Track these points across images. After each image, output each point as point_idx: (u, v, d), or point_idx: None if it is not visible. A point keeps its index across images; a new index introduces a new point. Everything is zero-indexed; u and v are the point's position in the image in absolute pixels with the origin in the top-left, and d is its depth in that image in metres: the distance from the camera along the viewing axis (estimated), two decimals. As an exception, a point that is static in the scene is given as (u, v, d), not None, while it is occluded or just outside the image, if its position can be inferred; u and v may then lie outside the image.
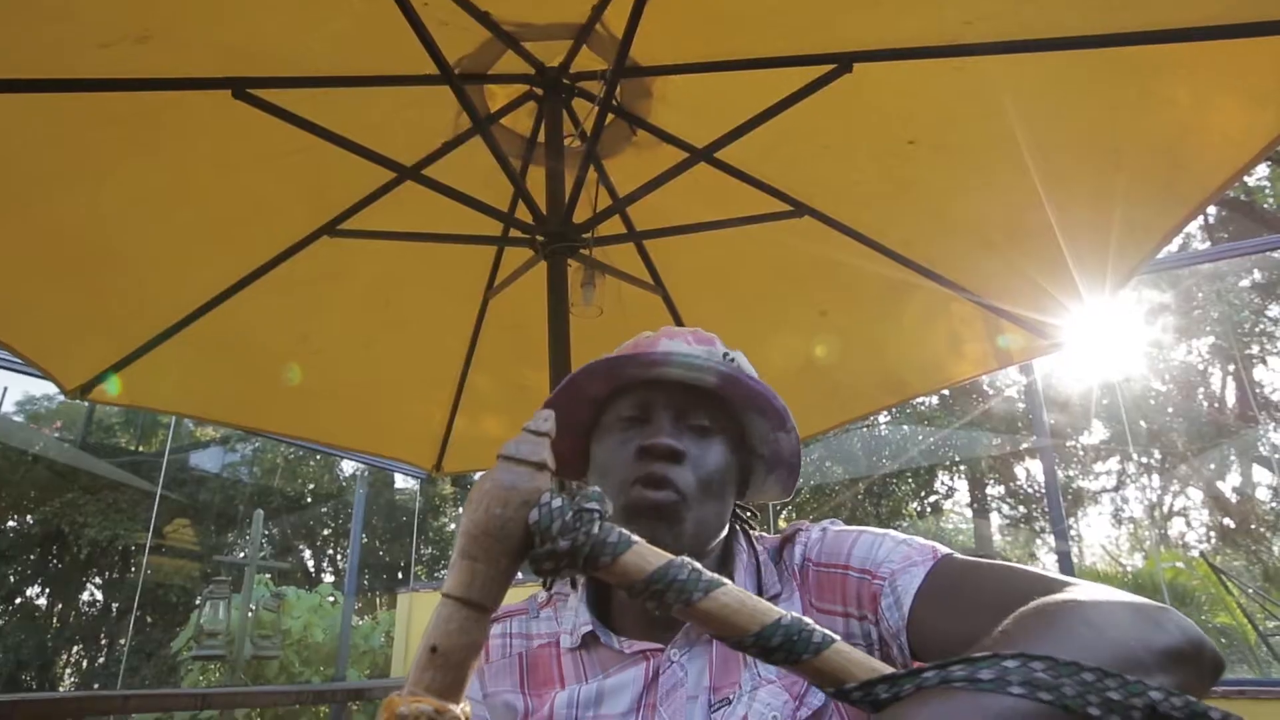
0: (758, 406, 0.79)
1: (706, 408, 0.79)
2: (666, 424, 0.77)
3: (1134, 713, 0.42)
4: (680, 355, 0.76)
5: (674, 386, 0.78)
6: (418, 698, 0.42)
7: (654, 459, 0.74)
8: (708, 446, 0.77)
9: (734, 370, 0.77)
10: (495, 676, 0.80)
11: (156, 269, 2.08)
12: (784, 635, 0.45)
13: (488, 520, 0.44)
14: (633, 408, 0.79)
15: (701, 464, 0.76)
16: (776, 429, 0.81)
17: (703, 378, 0.77)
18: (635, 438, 0.77)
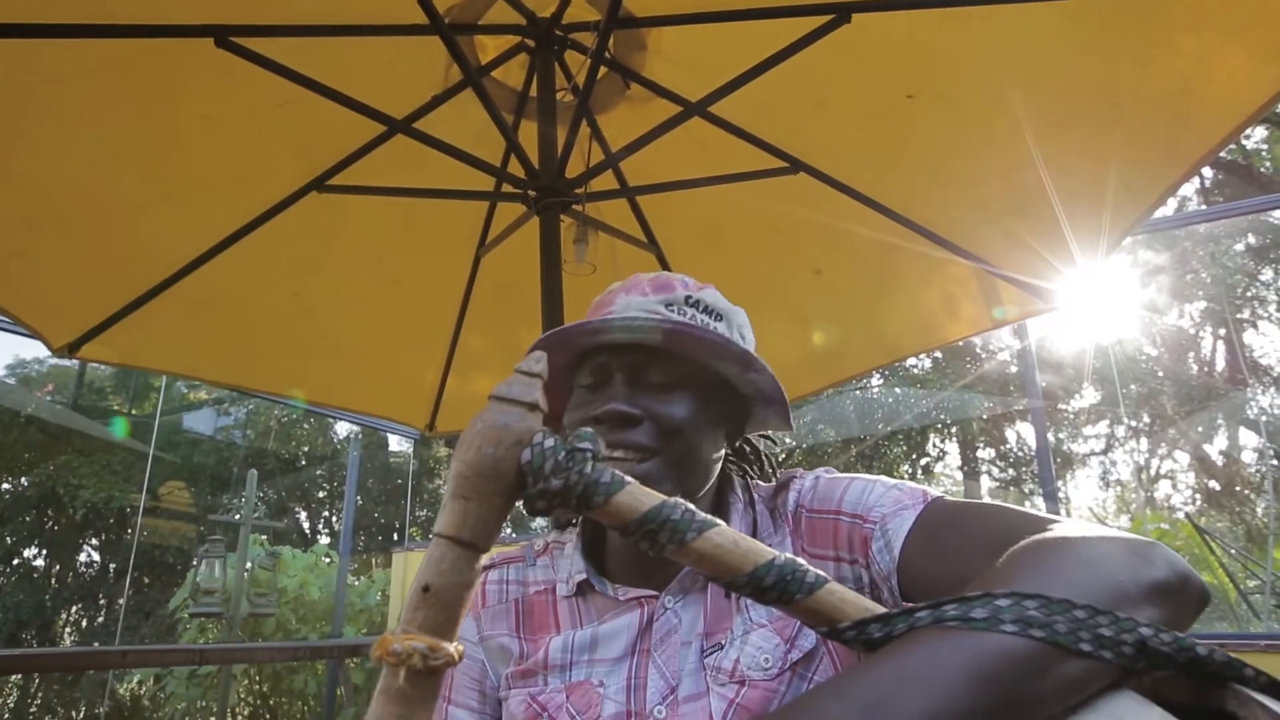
0: (717, 354, 0.77)
1: (663, 363, 0.76)
2: (620, 388, 0.75)
3: (1124, 648, 0.42)
4: (620, 319, 0.74)
5: (625, 347, 0.76)
6: (411, 636, 0.42)
7: (610, 427, 0.73)
8: (669, 401, 0.75)
9: (679, 324, 0.74)
10: (492, 620, 0.81)
11: (143, 225, 2.05)
12: (777, 575, 0.45)
13: (479, 460, 0.43)
14: (589, 374, 0.78)
15: (660, 419, 0.74)
16: (746, 371, 0.79)
17: (647, 338, 0.75)
18: (593, 404, 0.75)
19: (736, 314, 0.82)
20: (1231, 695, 0.45)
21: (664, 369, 0.77)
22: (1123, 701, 0.42)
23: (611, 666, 0.74)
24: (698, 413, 0.76)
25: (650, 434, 0.74)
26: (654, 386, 0.76)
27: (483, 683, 0.79)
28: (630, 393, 0.75)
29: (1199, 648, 0.44)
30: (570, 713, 0.72)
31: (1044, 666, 0.41)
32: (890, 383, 11.53)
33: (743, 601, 0.75)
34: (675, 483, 0.74)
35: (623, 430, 0.73)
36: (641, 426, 0.74)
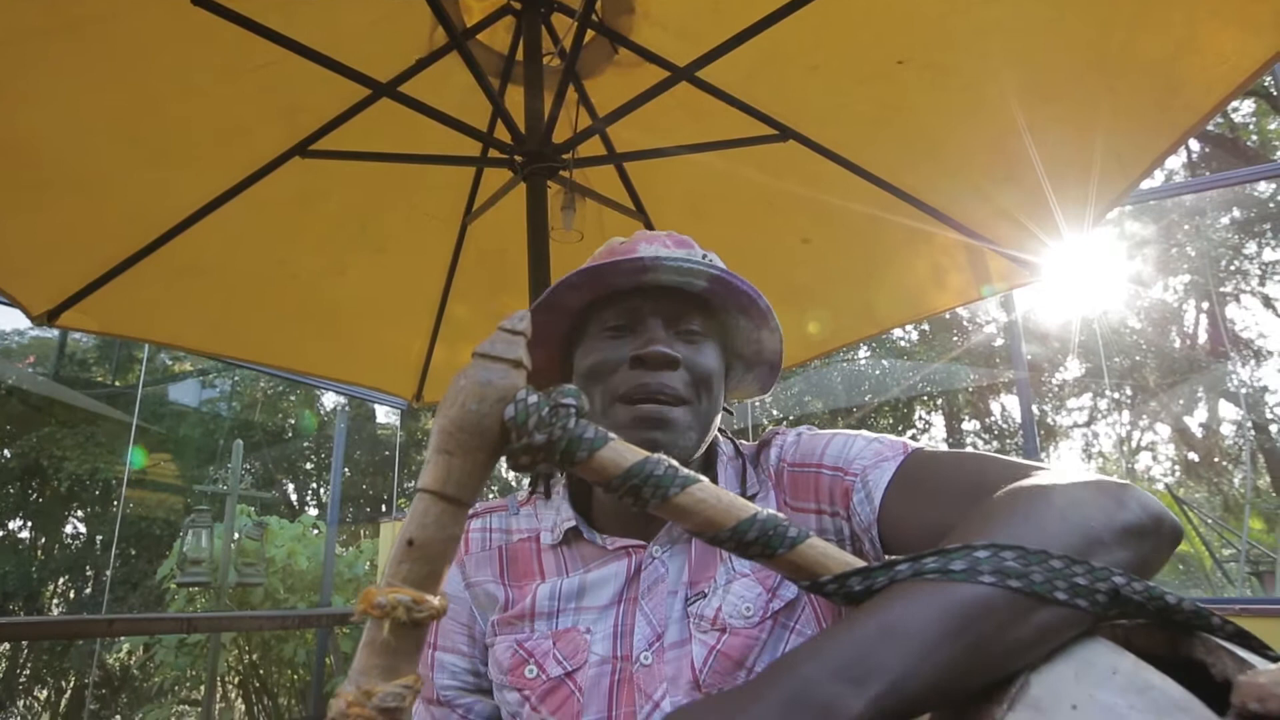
0: (743, 307, 0.78)
1: (695, 312, 0.77)
2: (659, 331, 0.75)
3: (1098, 597, 0.43)
4: (668, 259, 0.73)
5: (660, 292, 0.76)
6: (395, 589, 0.42)
7: (650, 368, 0.73)
8: (699, 350, 0.76)
9: (722, 272, 0.75)
10: (476, 567, 0.81)
11: (122, 190, 2.01)
12: (759, 530, 0.45)
13: (463, 416, 0.43)
14: (619, 316, 0.76)
15: (696, 368, 0.75)
16: (760, 328, 0.79)
17: (692, 282, 0.74)
18: (625, 347, 0.75)
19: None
20: (1200, 643, 0.46)
21: (698, 318, 0.77)
22: (1096, 648, 0.43)
23: (599, 614, 0.75)
24: (720, 366, 0.78)
25: (685, 382, 0.74)
26: (689, 334, 0.76)
27: (471, 628, 0.80)
28: (668, 338, 0.75)
29: (1169, 596, 0.45)
30: (557, 658, 0.73)
31: (1021, 615, 0.42)
32: (877, 354, 11.59)
33: (726, 552, 0.76)
34: (699, 434, 0.75)
35: (663, 374, 0.73)
36: (679, 373, 0.74)
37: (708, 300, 0.78)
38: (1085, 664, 0.42)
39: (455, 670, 0.79)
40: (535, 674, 0.73)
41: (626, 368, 0.74)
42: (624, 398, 0.73)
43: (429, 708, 0.79)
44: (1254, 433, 10.44)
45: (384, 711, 0.40)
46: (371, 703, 0.40)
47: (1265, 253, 11.48)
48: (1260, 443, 10.47)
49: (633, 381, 0.73)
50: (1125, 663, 0.42)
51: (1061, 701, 0.40)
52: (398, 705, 0.41)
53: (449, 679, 0.79)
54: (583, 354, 0.77)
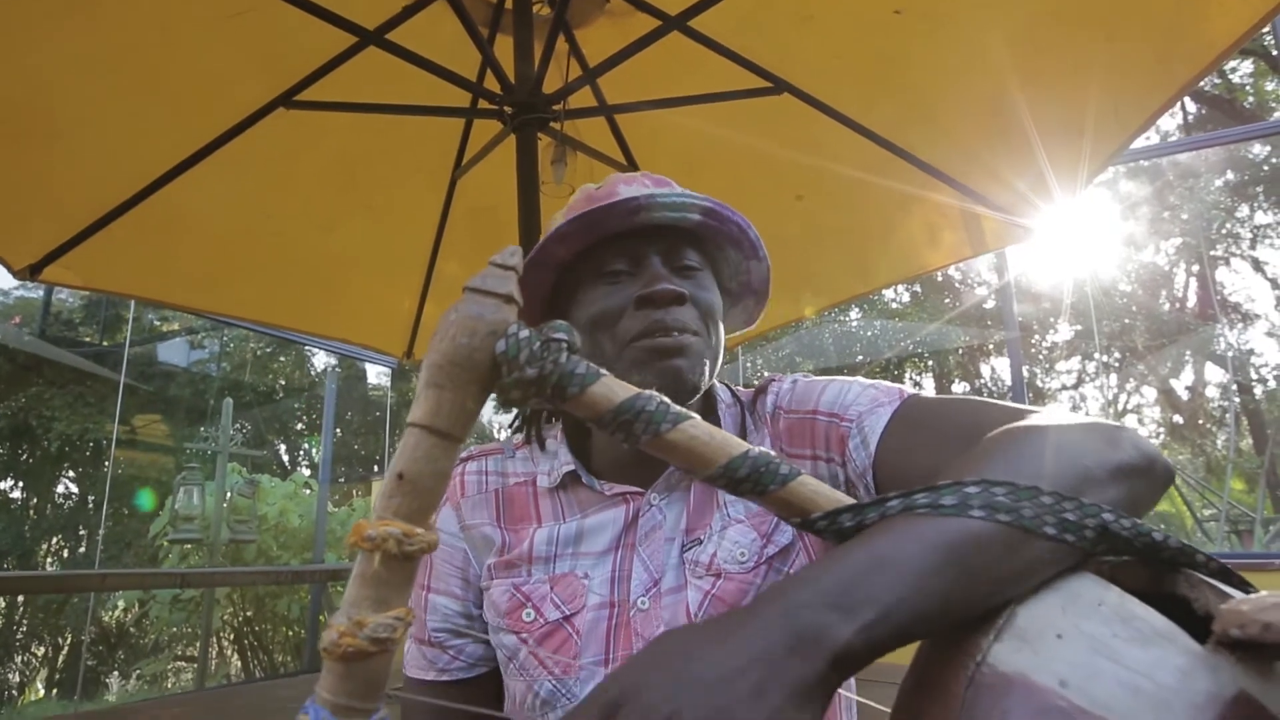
0: (734, 238, 0.77)
1: (689, 246, 0.77)
2: (660, 269, 0.74)
3: (1086, 532, 0.43)
4: (661, 195, 0.72)
5: (653, 231, 0.75)
6: (386, 522, 0.42)
7: (658, 306, 0.72)
8: (700, 284, 0.76)
9: (713, 203, 0.74)
10: (472, 509, 0.81)
11: (102, 142, 1.97)
12: (751, 467, 0.45)
13: (454, 350, 0.43)
14: (616, 260, 0.75)
15: (700, 300, 0.75)
16: (750, 258, 0.79)
17: (686, 216, 0.74)
18: (628, 290, 0.74)
19: None
20: (1183, 580, 0.47)
21: (693, 252, 0.77)
22: (1083, 582, 0.43)
23: (596, 559, 0.75)
24: (719, 299, 0.78)
25: (693, 316, 0.74)
26: (688, 270, 0.76)
27: (466, 571, 0.80)
28: (670, 275, 0.74)
29: (1155, 534, 0.45)
30: (555, 602, 0.74)
31: (1010, 549, 0.42)
32: (869, 316, 11.60)
33: (722, 498, 0.76)
34: (710, 367, 0.75)
35: (673, 309, 0.72)
36: (687, 307, 0.73)
37: (699, 234, 0.77)
38: (1071, 596, 0.43)
39: (447, 613, 0.79)
40: (533, 618, 0.73)
41: (633, 309, 0.73)
42: (637, 338, 0.72)
43: (420, 648, 0.80)
44: (1239, 396, 10.56)
45: (375, 641, 0.40)
46: (363, 633, 0.40)
47: (1258, 216, 11.49)
48: (1244, 404, 10.60)
49: (644, 321, 0.72)
50: (1111, 595, 0.43)
51: (1047, 632, 0.41)
52: (389, 636, 0.41)
53: (441, 621, 0.79)
54: (581, 306, 0.76)
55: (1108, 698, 0.38)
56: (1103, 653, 0.40)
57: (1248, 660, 0.40)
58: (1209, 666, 0.39)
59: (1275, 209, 11.16)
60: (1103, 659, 0.39)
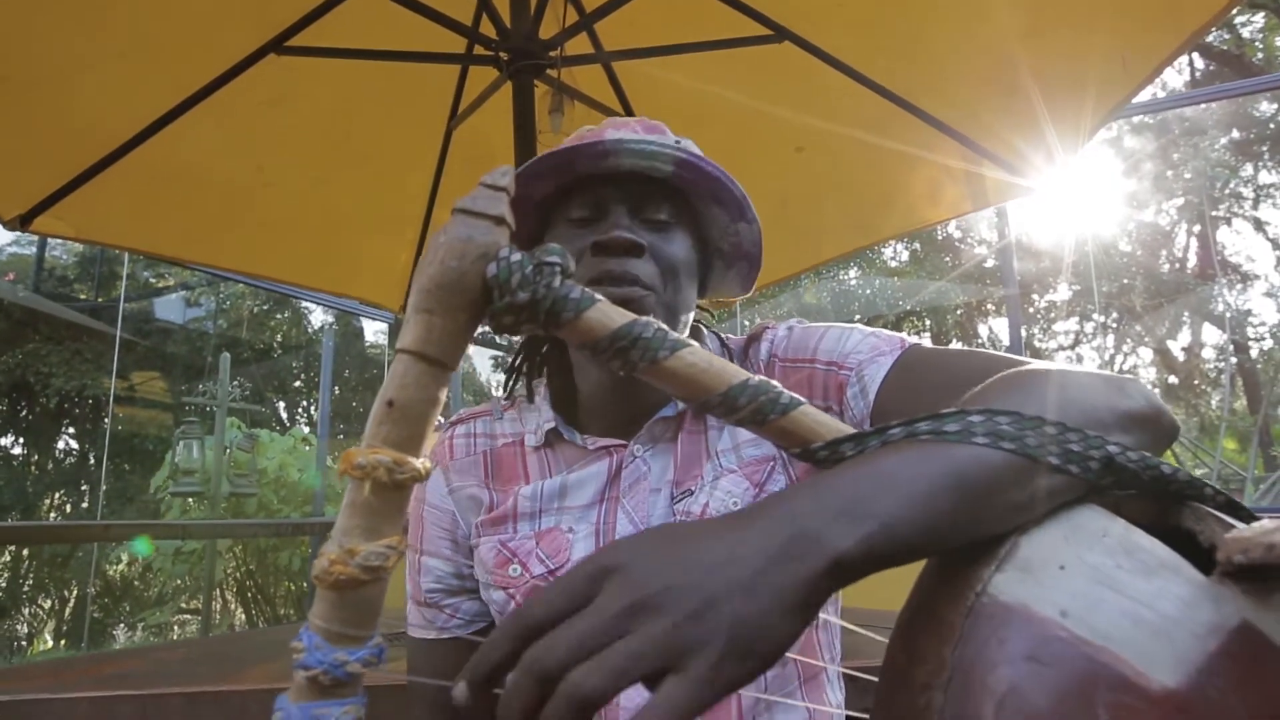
0: (716, 195, 0.74)
1: (663, 199, 0.74)
2: (622, 218, 0.72)
3: (1092, 464, 0.42)
4: (632, 142, 0.70)
5: (626, 179, 0.72)
6: (375, 450, 0.41)
7: (612, 254, 0.70)
8: (667, 239, 0.74)
9: (690, 155, 0.71)
10: (460, 472, 0.81)
11: (90, 89, 1.92)
12: (751, 395, 0.44)
13: (443, 273, 0.41)
14: (583, 206, 0.73)
15: (662, 255, 0.72)
16: (736, 219, 0.76)
17: (657, 165, 0.71)
18: (588, 236, 0.72)
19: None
20: (1190, 512, 0.46)
21: (665, 206, 0.74)
22: (1088, 513, 0.43)
23: (580, 513, 0.75)
24: (690, 257, 0.75)
25: (650, 271, 0.71)
26: (655, 223, 0.73)
27: (454, 532, 0.80)
28: (632, 225, 0.72)
29: (1164, 466, 0.45)
30: (540, 557, 0.74)
31: (1013, 477, 0.41)
32: (867, 273, 11.55)
33: (714, 449, 0.76)
34: (665, 319, 0.73)
35: (627, 261, 0.70)
36: (644, 259, 0.71)
37: (678, 188, 0.74)
38: (1075, 528, 0.42)
39: (439, 574, 0.80)
40: (519, 573, 0.74)
41: (589, 255, 0.71)
42: (588, 285, 0.70)
43: (419, 608, 0.81)
44: (1235, 356, 10.57)
45: (367, 569, 0.40)
46: (354, 561, 0.40)
47: (1261, 175, 11.37)
48: (1240, 364, 10.62)
49: (596, 269, 0.70)
50: (1116, 527, 0.42)
51: (1050, 562, 0.40)
52: (380, 564, 0.40)
53: (434, 582, 0.80)
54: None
55: (1108, 627, 0.37)
56: (1105, 583, 0.39)
57: (1251, 591, 0.39)
58: (1212, 597, 0.39)
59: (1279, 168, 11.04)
60: (1105, 589, 0.39)
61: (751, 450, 0.75)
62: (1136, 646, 0.36)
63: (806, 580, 0.37)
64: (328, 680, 0.39)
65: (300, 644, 0.40)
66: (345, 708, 0.40)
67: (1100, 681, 0.36)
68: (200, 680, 1.08)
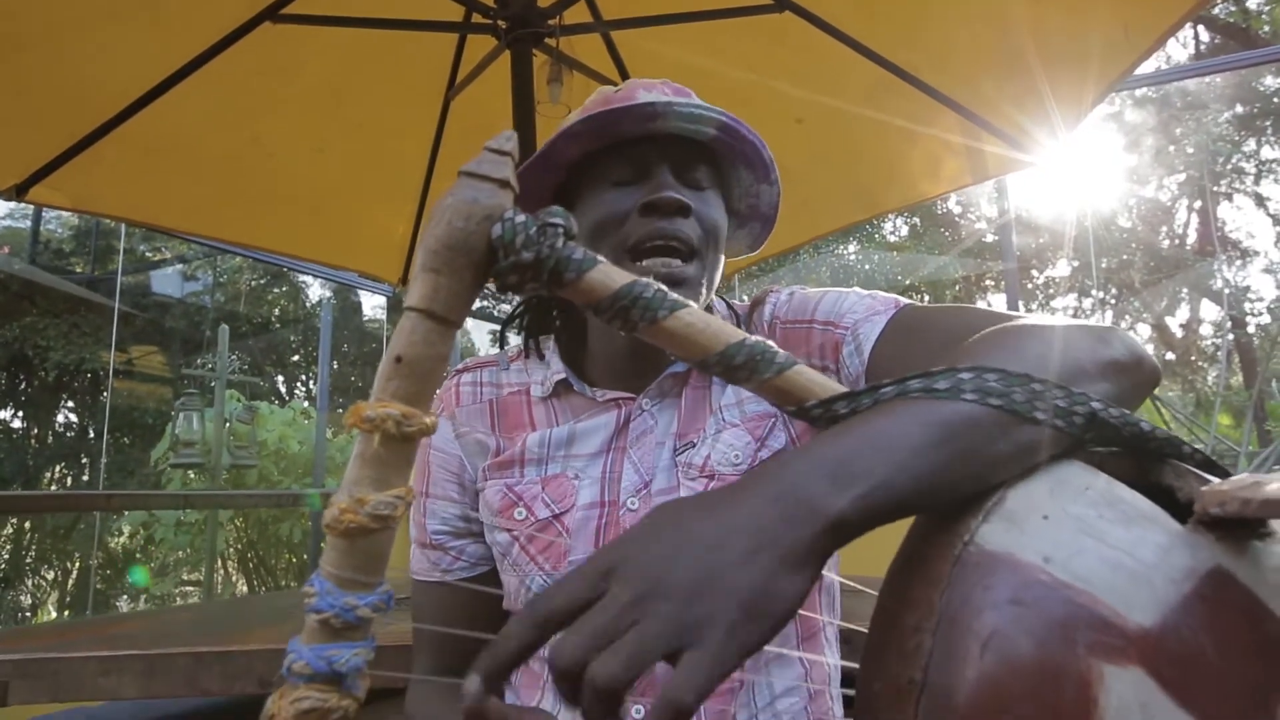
0: (747, 158, 0.76)
1: (702, 162, 0.75)
2: (668, 178, 0.73)
3: (1075, 419, 0.44)
4: (680, 105, 0.70)
5: (667, 140, 0.73)
6: (384, 403, 0.42)
7: (663, 214, 0.71)
8: (706, 201, 0.75)
9: (731, 119, 0.72)
10: (467, 418, 0.83)
11: (84, 58, 1.91)
12: (748, 354, 0.46)
13: (450, 234, 0.42)
14: (625, 166, 0.74)
15: (705, 217, 0.74)
16: (761, 181, 0.78)
17: (701, 129, 0.72)
18: (633, 197, 0.73)
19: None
20: (1169, 469, 0.48)
21: (704, 168, 0.75)
22: (1072, 468, 0.44)
23: (587, 461, 0.77)
24: (724, 219, 0.77)
25: (697, 233, 0.73)
26: (697, 185, 0.75)
27: (461, 476, 0.82)
28: (678, 186, 0.73)
29: (1143, 424, 0.46)
30: (545, 502, 0.76)
31: (1000, 432, 0.43)
32: (866, 248, 11.52)
33: (717, 404, 0.78)
34: (706, 288, 0.75)
35: (676, 220, 0.71)
36: (690, 221, 0.72)
37: (713, 150, 0.76)
38: (1059, 481, 0.44)
39: (446, 516, 0.82)
40: (524, 516, 0.76)
41: (637, 216, 0.72)
42: (634, 248, 0.72)
43: (424, 551, 0.83)
44: (1232, 332, 10.59)
45: (376, 518, 0.41)
46: (364, 510, 0.41)
47: (1264, 150, 11.31)
48: (1238, 339, 10.64)
49: (645, 228, 0.71)
50: (1098, 481, 0.44)
51: (1034, 513, 0.42)
52: (389, 513, 0.42)
53: (440, 524, 0.82)
54: (586, 208, 0.75)
55: (1089, 573, 0.39)
56: (1087, 532, 0.41)
57: (1224, 539, 0.41)
58: (1188, 544, 0.40)
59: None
60: (1086, 538, 0.40)
61: (754, 406, 0.77)
62: (1115, 590, 0.38)
63: (807, 543, 0.38)
64: (339, 623, 0.41)
65: (312, 589, 0.42)
66: (355, 650, 0.41)
67: (1080, 622, 0.37)
68: (204, 642, 1.10)
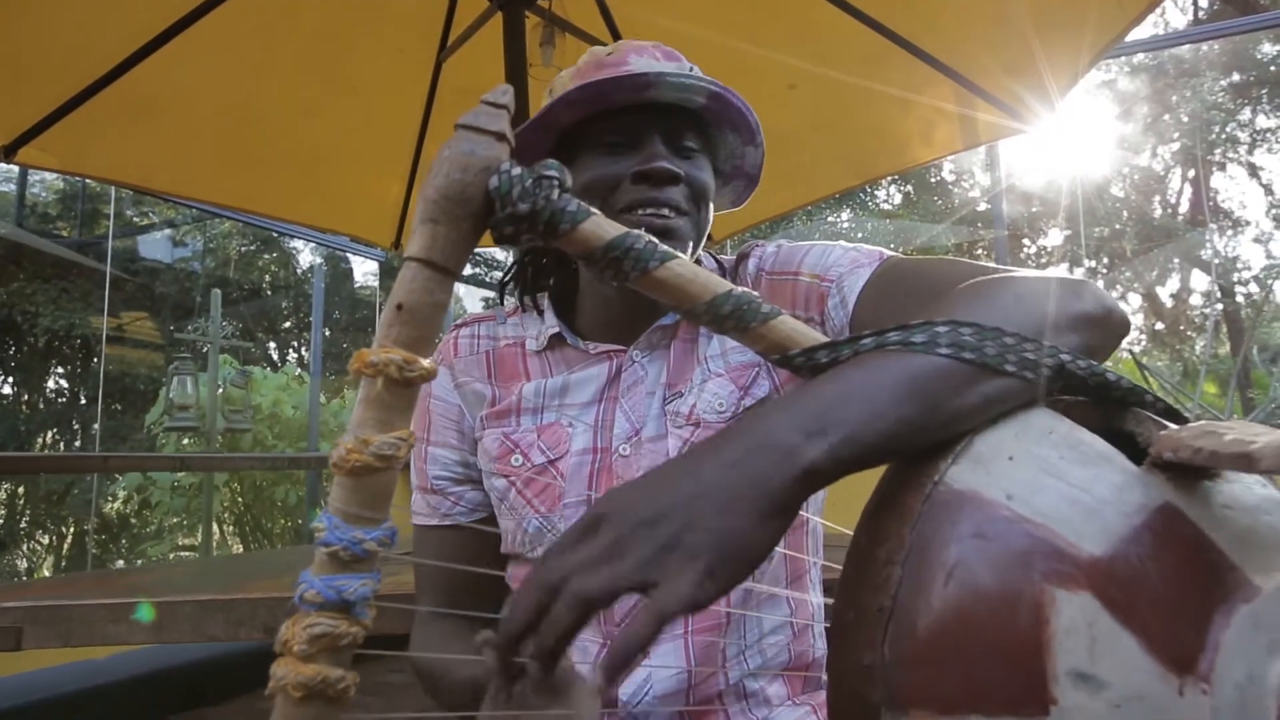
0: (734, 123, 0.79)
1: (692, 128, 0.79)
2: (659, 146, 0.76)
3: (1044, 370, 0.46)
4: (671, 75, 0.73)
5: (659, 108, 0.76)
6: (386, 349, 0.44)
7: (654, 183, 0.74)
8: (696, 165, 0.78)
9: (719, 88, 0.75)
10: (464, 368, 0.86)
11: (69, 18, 1.88)
12: (734, 304, 0.48)
13: (448, 185, 0.44)
14: (619, 132, 0.77)
15: (694, 182, 0.77)
16: (747, 143, 0.82)
17: (692, 98, 0.76)
18: (626, 163, 0.76)
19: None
20: (1131, 416, 0.51)
21: (693, 134, 0.79)
22: (1038, 414, 0.47)
23: (581, 410, 0.81)
24: (712, 181, 0.80)
25: (685, 196, 0.76)
26: (687, 150, 0.78)
27: (460, 423, 0.85)
28: (669, 154, 0.76)
29: (1109, 374, 0.49)
30: (541, 448, 0.79)
31: (972, 383, 0.45)
32: (861, 216, 11.51)
33: (703, 355, 0.81)
34: (695, 244, 0.79)
35: (666, 188, 0.75)
36: (679, 188, 0.76)
37: (702, 116, 0.79)
38: (1025, 425, 0.46)
39: (446, 462, 0.85)
40: (520, 462, 0.79)
41: (629, 183, 0.76)
42: (626, 210, 0.75)
43: (425, 496, 0.86)
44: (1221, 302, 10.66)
45: (380, 458, 0.44)
46: (369, 450, 0.43)
47: (1259, 119, 11.28)
48: (1227, 309, 10.72)
49: (637, 194, 0.75)
50: (1061, 425, 0.47)
51: (1000, 455, 0.45)
52: (392, 453, 0.44)
53: (441, 470, 0.85)
54: (580, 170, 0.78)
55: (1048, 508, 0.42)
56: (1048, 471, 0.43)
57: (1175, 479, 0.43)
58: (1141, 483, 0.43)
59: (1278, 112, 10.95)
60: (1047, 477, 0.43)
61: (737, 356, 0.80)
62: (1071, 523, 0.41)
63: (781, 490, 0.42)
64: (347, 556, 0.43)
65: (321, 525, 0.44)
66: (362, 580, 0.44)
67: (1037, 552, 0.40)
68: (209, 592, 1.14)
